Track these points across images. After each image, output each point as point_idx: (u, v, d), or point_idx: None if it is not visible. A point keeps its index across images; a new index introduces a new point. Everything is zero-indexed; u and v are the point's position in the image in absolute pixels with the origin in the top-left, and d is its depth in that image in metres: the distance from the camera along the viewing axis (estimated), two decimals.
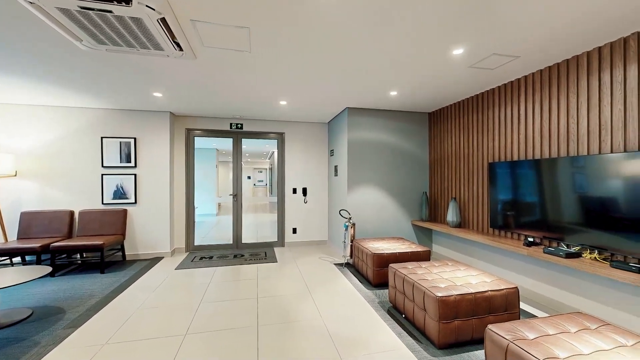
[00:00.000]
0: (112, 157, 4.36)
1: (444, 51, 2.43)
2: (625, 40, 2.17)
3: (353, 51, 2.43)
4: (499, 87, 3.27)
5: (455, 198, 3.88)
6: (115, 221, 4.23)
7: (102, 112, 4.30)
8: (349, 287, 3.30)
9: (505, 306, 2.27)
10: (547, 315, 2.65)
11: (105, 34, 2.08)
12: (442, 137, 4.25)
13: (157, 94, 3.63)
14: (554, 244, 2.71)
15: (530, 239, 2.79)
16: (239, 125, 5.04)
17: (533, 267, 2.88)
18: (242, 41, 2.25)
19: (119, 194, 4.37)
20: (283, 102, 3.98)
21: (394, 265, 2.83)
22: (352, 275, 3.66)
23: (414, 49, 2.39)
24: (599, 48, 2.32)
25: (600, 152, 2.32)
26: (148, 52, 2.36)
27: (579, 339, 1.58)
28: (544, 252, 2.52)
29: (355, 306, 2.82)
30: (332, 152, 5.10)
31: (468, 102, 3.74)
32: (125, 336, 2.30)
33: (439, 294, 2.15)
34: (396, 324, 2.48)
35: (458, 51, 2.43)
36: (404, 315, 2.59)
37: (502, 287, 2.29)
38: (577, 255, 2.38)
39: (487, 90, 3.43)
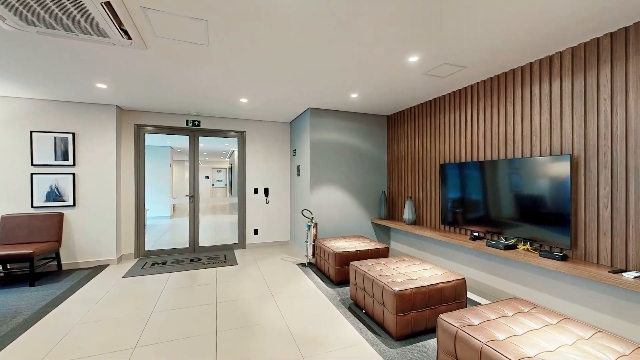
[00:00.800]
0: (45, 154, 3.85)
1: (400, 58, 2.57)
2: (550, 58, 2.49)
3: (314, 52, 2.45)
4: (449, 94, 3.54)
5: (410, 197, 4.12)
6: (48, 226, 3.74)
7: (31, 103, 3.77)
8: (312, 286, 3.31)
9: (454, 296, 2.46)
10: (489, 302, 2.93)
11: (36, 14, 1.83)
12: (399, 139, 4.48)
13: (101, 85, 3.29)
14: (495, 238, 3.01)
15: (475, 234, 3.07)
16: (196, 122, 4.79)
17: (477, 259, 3.17)
18: (199, 34, 2.14)
19: (54, 195, 3.88)
20: (244, 100, 3.87)
21: (354, 263, 2.91)
22: (315, 275, 3.69)
23: (373, 54, 2.48)
24: (531, 64, 2.63)
25: (531, 155, 2.64)
26: (90, 38, 2.12)
27: (514, 322, 1.78)
28: (487, 245, 2.79)
29: (317, 305, 2.84)
30: (294, 152, 5.08)
31: (422, 107, 3.99)
32: (61, 356, 2.04)
33: (396, 289, 2.26)
34: (357, 320, 2.55)
35: (413, 59, 2.58)
36: (364, 311, 2.67)
37: (452, 279, 2.49)
38: (513, 247, 2.67)
39: (439, 97, 3.70)
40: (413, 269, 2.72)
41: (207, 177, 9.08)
